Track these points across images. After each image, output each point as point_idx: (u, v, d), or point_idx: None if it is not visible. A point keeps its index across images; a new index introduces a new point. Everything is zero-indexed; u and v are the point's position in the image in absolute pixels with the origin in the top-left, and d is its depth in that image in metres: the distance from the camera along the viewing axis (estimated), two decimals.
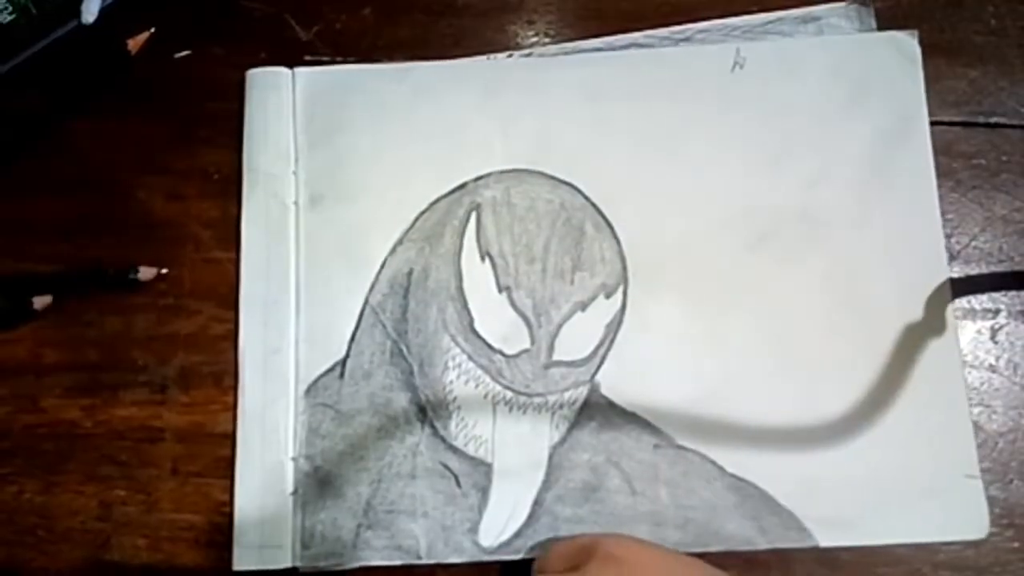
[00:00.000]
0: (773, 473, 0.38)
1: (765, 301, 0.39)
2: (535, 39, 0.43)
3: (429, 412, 0.39)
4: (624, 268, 0.40)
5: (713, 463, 0.38)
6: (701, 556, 0.36)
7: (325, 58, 0.43)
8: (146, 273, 0.41)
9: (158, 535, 0.39)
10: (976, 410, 0.39)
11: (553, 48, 0.43)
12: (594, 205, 0.41)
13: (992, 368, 0.39)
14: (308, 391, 0.39)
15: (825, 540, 0.37)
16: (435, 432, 0.39)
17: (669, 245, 0.40)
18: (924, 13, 0.43)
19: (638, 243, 0.40)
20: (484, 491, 0.38)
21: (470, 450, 0.38)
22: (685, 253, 0.40)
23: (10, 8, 0.42)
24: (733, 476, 0.38)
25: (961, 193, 0.41)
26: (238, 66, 0.43)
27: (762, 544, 0.37)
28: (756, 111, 0.41)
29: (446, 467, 0.38)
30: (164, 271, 0.41)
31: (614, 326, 0.39)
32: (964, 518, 0.37)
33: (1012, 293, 0.40)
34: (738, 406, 0.38)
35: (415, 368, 0.39)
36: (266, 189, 0.41)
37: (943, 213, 0.41)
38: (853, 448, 0.38)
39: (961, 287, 0.40)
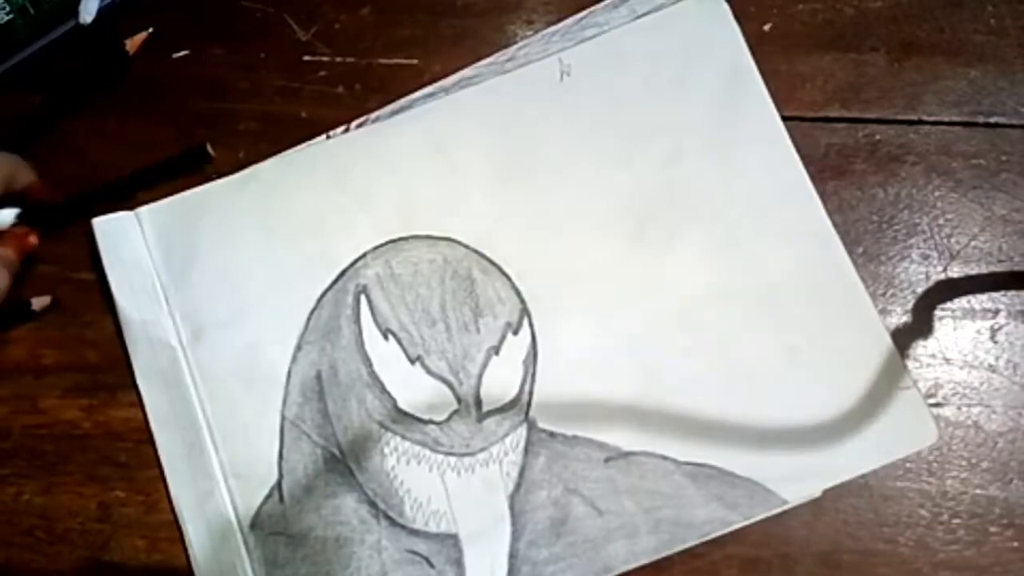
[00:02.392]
0: (724, 449, 0.38)
1: (661, 287, 0.40)
2: (535, 38, 0.43)
3: (380, 504, 0.38)
4: (522, 301, 0.40)
5: (665, 457, 0.38)
6: (683, 554, 0.37)
7: (324, 58, 0.43)
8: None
9: (157, 536, 0.39)
10: (976, 410, 0.39)
11: (388, 108, 0.42)
12: (475, 251, 0.40)
13: (992, 368, 0.39)
14: (253, 525, 0.38)
15: (792, 496, 0.37)
16: (392, 523, 0.38)
17: (556, 265, 0.40)
18: (923, 13, 0.43)
19: (526, 273, 0.40)
20: (458, 563, 0.37)
21: (432, 528, 0.38)
22: (573, 266, 0.40)
23: (8, 8, 0.42)
24: (688, 464, 0.38)
25: (961, 193, 0.41)
26: (237, 66, 0.43)
27: (737, 520, 0.37)
28: (595, 112, 0.42)
29: (414, 553, 0.38)
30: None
31: (530, 359, 0.39)
32: (911, 430, 0.38)
33: (1012, 293, 0.40)
34: (670, 395, 0.38)
35: (353, 467, 0.38)
36: (149, 337, 0.40)
37: (943, 213, 0.41)
38: (788, 402, 0.38)
39: (961, 287, 0.40)
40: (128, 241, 0.41)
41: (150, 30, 0.43)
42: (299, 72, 0.43)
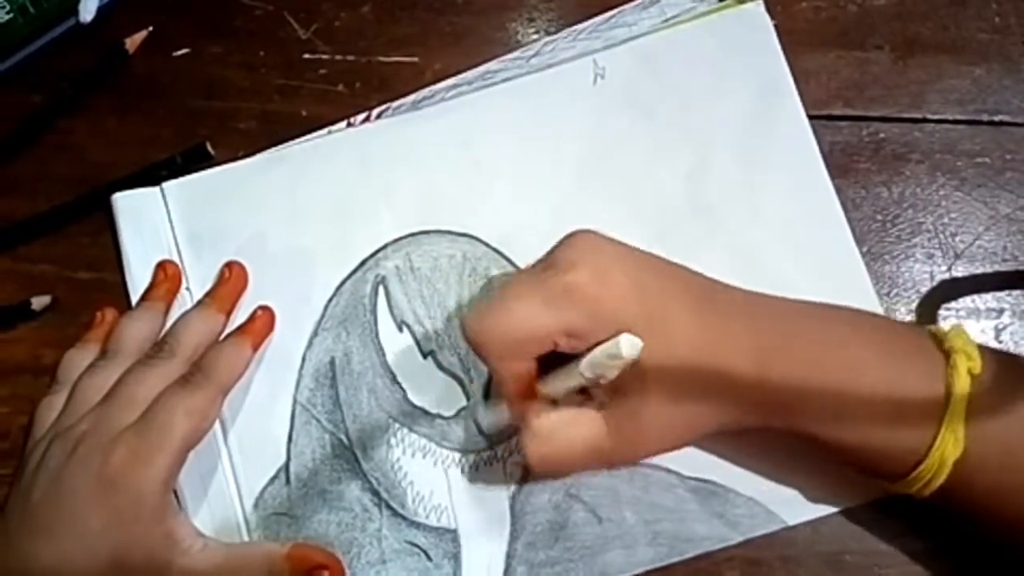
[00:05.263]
0: (729, 467, 0.37)
1: None
2: (535, 36, 0.43)
3: (383, 494, 0.38)
4: None
5: (669, 471, 0.38)
6: (680, 564, 0.37)
7: (324, 56, 0.43)
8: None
9: None
10: None
11: (411, 98, 0.42)
12: (495, 249, 0.40)
13: None
14: (256, 504, 0.38)
15: (793, 518, 0.37)
16: (394, 513, 0.38)
17: None
18: (927, 11, 0.43)
19: None
20: (455, 558, 0.37)
21: (432, 521, 0.38)
22: None
23: (8, 7, 0.41)
24: (692, 479, 0.38)
25: (965, 192, 0.41)
26: (237, 65, 0.43)
27: (735, 537, 0.37)
28: (625, 117, 0.41)
29: (413, 544, 0.37)
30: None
31: None
32: None
33: (1016, 292, 0.40)
34: None
35: (359, 455, 0.38)
36: None
37: (947, 212, 0.41)
38: None
39: (965, 286, 0.40)
40: (150, 217, 0.41)
41: (150, 29, 0.43)
42: (299, 70, 0.43)
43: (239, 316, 0.40)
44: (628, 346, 0.30)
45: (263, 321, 0.39)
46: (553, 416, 0.33)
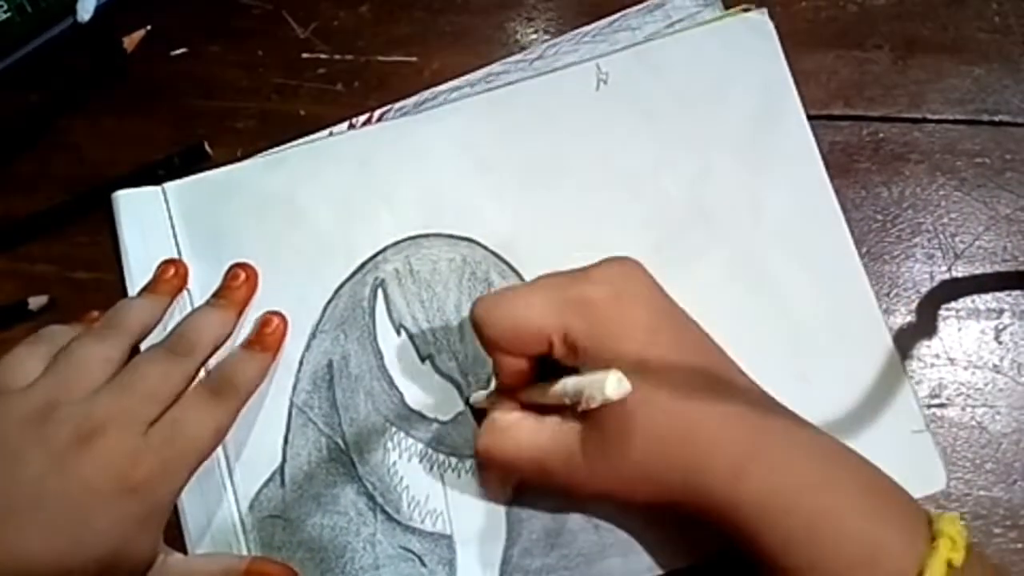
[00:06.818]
0: None
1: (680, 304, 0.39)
2: (534, 36, 0.43)
3: (379, 499, 0.38)
4: None
5: None
6: (684, 571, 0.36)
7: (323, 56, 0.43)
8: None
9: None
10: (980, 411, 0.39)
11: (413, 100, 0.42)
12: (494, 253, 0.40)
13: (996, 368, 0.39)
14: (252, 506, 0.38)
15: None
16: (389, 517, 0.38)
17: None
18: (927, 11, 0.43)
19: None
20: (450, 564, 0.37)
21: (427, 526, 0.37)
22: None
23: (5, 6, 0.41)
24: None
25: (965, 192, 0.41)
26: (235, 64, 0.43)
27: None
28: (629, 122, 0.41)
29: (407, 550, 0.37)
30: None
31: None
32: (920, 473, 0.37)
33: (1016, 293, 0.40)
34: None
35: (355, 458, 0.38)
36: None
37: (947, 212, 0.41)
38: None
39: (965, 287, 0.40)
40: (151, 216, 0.41)
41: (148, 28, 0.43)
42: (297, 70, 0.43)
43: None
44: (614, 386, 0.29)
45: (281, 331, 0.39)
46: (513, 415, 0.33)
